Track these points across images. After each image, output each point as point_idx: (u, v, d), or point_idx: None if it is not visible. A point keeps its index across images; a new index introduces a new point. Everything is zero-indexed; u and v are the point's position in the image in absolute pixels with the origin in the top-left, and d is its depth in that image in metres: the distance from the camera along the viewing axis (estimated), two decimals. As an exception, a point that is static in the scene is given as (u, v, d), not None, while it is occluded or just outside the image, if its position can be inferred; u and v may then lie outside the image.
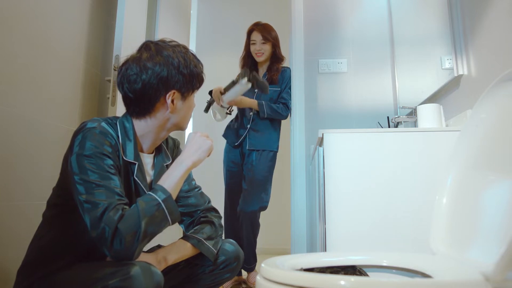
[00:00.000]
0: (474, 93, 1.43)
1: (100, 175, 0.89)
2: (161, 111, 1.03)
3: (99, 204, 0.86)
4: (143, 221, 0.87)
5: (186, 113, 1.09)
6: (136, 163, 1.02)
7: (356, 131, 1.42)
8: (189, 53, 1.07)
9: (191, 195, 1.20)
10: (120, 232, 0.84)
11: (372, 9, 2.58)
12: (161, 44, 1.04)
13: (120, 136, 1.00)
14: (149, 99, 1.01)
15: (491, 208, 0.82)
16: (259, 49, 2.35)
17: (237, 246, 1.17)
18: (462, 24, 1.53)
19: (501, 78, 0.86)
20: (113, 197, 0.88)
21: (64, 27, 1.61)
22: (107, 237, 0.84)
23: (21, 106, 1.37)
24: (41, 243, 0.98)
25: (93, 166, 0.90)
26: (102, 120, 0.98)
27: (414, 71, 2.18)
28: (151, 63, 1.00)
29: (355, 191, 1.36)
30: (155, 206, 0.91)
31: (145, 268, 0.84)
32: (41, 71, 1.47)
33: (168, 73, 1.00)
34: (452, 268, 0.78)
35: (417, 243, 1.26)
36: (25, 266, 0.97)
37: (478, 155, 0.93)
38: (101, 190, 0.88)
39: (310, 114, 2.50)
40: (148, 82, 0.99)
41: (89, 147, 0.91)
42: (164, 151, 1.16)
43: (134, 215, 0.87)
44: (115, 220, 0.85)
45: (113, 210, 0.86)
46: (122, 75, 1.02)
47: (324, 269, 0.89)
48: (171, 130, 1.10)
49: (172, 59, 1.01)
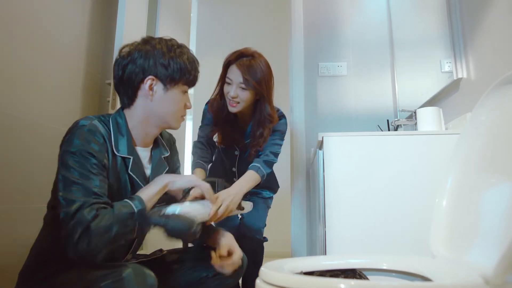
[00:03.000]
0: (474, 96, 1.43)
1: (81, 174, 0.90)
2: (142, 99, 1.04)
3: (74, 201, 0.86)
4: (116, 225, 0.87)
5: (171, 107, 1.06)
6: (130, 158, 1.03)
7: (356, 134, 1.42)
8: (176, 47, 1.07)
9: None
10: (90, 232, 0.83)
11: (371, 12, 2.59)
12: (150, 36, 1.09)
13: (112, 132, 1.01)
14: (130, 85, 1.03)
15: (491, 210, 0.82)
16: (234, 96, 1.49)
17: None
18: (461, 27, 1.53)
19: (500, 81, 0.86)
20: (90, 196, 0.88)
21: (65, 30, 1.62)
22: (74, 235, 0.83)
23: (21, 109, 1.37)
24: (42, 246, 0.99)
25: (76, 164, 0.90)
26: (95, 118, 1.00)
27: (414, 74, 2.19)
28: (135, 51, 1.04)
29: (355, 194, 1.36)
30: (129, 214, 0.90)
31: (138, 270, 0.84)
32: (41, 74, 1.48)
33: (146, 60, 1.02)
34: (452, 271, 0.78)
35: (417, 246, 1.25)
36: (26, 268, 0.97)
37: (477, 157, 0.93)
38: (78, 188, 0.88)
39: (310, 117, 2.51)
40: (127, 68, 1.03)
41: (76, 144, 0.92)
42: (161, 143, 1.17)
43: (108, 217, 0.87)
44: (88, 219, 0.84)
45: (87, 208, 0.86)
46: (113, 66, 1.07)
47: (324, 272, 0.89)
48: (161, 127, 1.09)
49: (154, 48, 1.04)
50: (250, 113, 1.58)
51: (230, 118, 1.60)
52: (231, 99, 1.49)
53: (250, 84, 1.46)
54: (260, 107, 1.54)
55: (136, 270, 0.84)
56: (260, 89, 1.49)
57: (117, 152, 1.00)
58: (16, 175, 1.34)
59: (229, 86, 1.50)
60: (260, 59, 1.52)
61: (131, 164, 1.03)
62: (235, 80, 1.48)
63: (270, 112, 1.54)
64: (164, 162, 1.15)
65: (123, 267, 0.84)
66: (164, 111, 1.06)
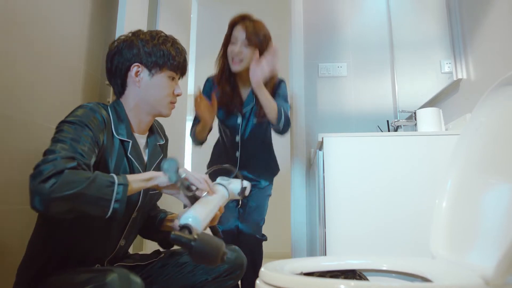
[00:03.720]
0: (474, 97, 1.43)
1: (72, 138, 0.89)
2: (131, 87, 1.09)
3: (56, 151, 0.84)
4: (89, 183, 0.81)
5: (157, 92, 1.10)
6: (129, 141, 1.05)
7: (356, 135, 1.42)
8: (160, 36, 1.11)
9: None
10: (62, 176, 0.79)
11: (371, 13, 2.59)
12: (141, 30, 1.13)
13: (111, 117, 1.05)
14: (118, 74, 1.09)
15: (491, 211, 0.82)
16: (239, 51, 1.62)
17: (241, 253, 1.16)
18: (461, 28, 1.53)
19: (500, 82, 0.86)
20: (75, 152, 0.86)
21: (64, 31, 1.62)
22: (44, 172, 0.78)
23: (21, 110, 1.37)
24: (34, 244, 0.99)
25: (70, 128, 0.91)
26: (95, 103, 1.03)
27: (414, 75, 2.19)
28: (121, 43, 1.09)
29: (355, 194, 1.36)
30: (108, 182, 0.86)
31: (123, 275, 0.81)
32: (41, 75, 1.48)
33: (131, 49, 1.07)
34: (452, 272, 0.78)
35: (417, 246, 1.26)
36: (21, 265, 0.98)
37: (477, 158, 0.93)
38: (65, 145, 0.87)
39: (310, 118, 2.51)
40: (114, 59, 1.09)
41: (75, 115, 0.95)
42: (157, 131, 1.20)
43: (86, 174, 0.83)
44: (66, 166, 0.81)
45: (68, 159, 0.83)
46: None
47: (324, 273, 0.89)
48: (153, 114, 1.12)
49: (138, 38, 1.09)
50: (249, 78, 1.60)
51: (231, 81, 1.72)
52: (235, 56, 1.62)
53: (253, 41, 1.61)
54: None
55: (121, 275, 0.81)
56: (261, 47, 1.62)
57: (117, 135, 1.03)
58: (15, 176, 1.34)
59: (233, 45, 1.65)
60: (262, 23, 1.71)
61: (130, 147, 1.05)
62: (239, 38, 1.63)
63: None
64: (159, 149, 1.18)
65: (108, 272, 0.81)
66: (152, 97, 1.10)
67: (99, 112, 1.00)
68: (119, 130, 1.04)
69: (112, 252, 1.06)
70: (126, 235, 1.08)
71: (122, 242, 1.07)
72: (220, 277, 1.10)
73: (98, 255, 1.02)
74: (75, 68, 1.70)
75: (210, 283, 1.10)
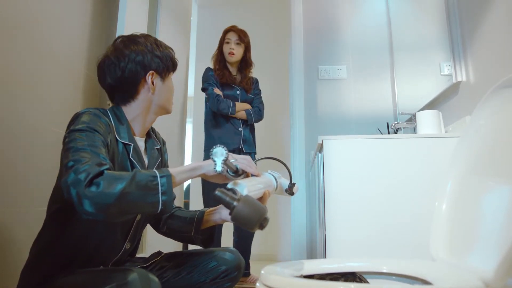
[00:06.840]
0: (473, 99, 1.43)
1: (89, 144, 0.89)
2: (144, 93, 1.10)
3: (81, 160, 0.83)
4: (131, 179, 0.82)
5: (168, 94, 1.14)
6: (131, 144, 1.06)
7: (355, 137, 1.42)
8: (159, 40, 1.16)
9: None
10: (104, 177, 0.80)
11: (371, 15, 2.60)
12: (132, 35, 1.13)
13: (112, 121, 1.05)
14: (132, 83, 1.08)
15: (491, 213, 0.82)
16: (233, 48, 2.45)
17: (238, 255, 1.16)
18: (460, 30, 1.54)
19: (500, 85, 0.86)
20: (99, 157, 0.87)
21: (65, 33, 1.62)
22: (82, 180, 0.78)
23: (22, 112, 1.37)
24: (40, 246, 0.99)
25: (83, 136, 0.91)
26: (94, 108, 1.03)
27: (413, 77, 2.19)
28: (127, 50, 1.08)
29: (355, 197, 1.36)
30: (150, 177, 0.86)
31: (143, 275, 0.84)
32: (41, 76, 1.48)
33: (144, 57, 1.08)
34: (452, 275, 0.78)
35: (417, 249, 1.25)
36: (26, 268, 0.98)
37: (477, 161, 0.93)
38: (87, 152, 0.86)
39: (309, 120, 2.51)
40: (127, 67, 1.07)
41: (83, 122, 0.94)
42: (152, 136, 1.21)
43: (124, 172, 0.85)
44: (100, 169, 0.81)
45: (97, 163, 0.83)
46: (102, 69, 1.09)
47: (324, 275, 0.89)
48: (158, 113, 1.15)
49: (145, 44, 1.10)
50: (238, 66, 2.56)
51: (226, 67, 2.54)
52: (230, 51, 2.46)
53: (243, 40, 2.48)
54: (245, 57, 2.52)
55: (141, 274, 0.83)
56: (247, 45, 2.52)
57: (119, 138, 1.03)
58: (16, 178, 1.34)
59: (227, 44, 2.49)
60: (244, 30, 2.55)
61: (132, 150, 1.06)
62: (232, 39, 2.48)
63: (250, 61, 2.55)
64: (157, 153, 1.19)
65: (128, 271, 0.83)
66: (164, 99, 1.13)
67: (102, 117, 1.01)
68: (121, 134, 1.05)
69: (117, 255, 1.06)
70: (131, 238, 1.08)
71: (127, 245, 1.08)
72: (218, 278, 1.10)
73: (102, 258, 1.02)
74: (76, 70, 1.70)
75: (207, 284, 1.11)
